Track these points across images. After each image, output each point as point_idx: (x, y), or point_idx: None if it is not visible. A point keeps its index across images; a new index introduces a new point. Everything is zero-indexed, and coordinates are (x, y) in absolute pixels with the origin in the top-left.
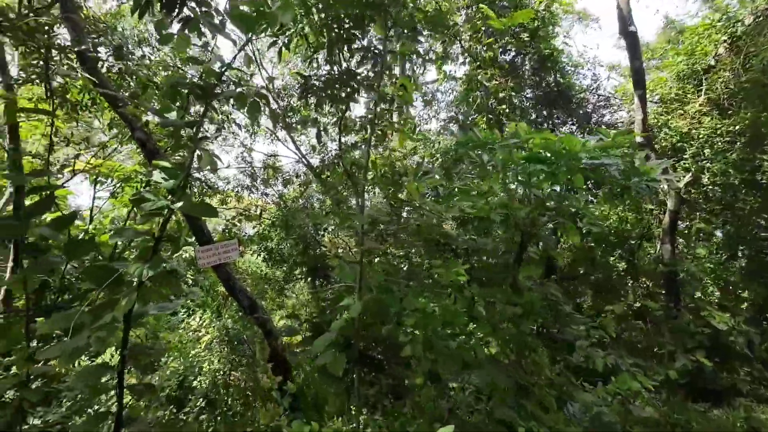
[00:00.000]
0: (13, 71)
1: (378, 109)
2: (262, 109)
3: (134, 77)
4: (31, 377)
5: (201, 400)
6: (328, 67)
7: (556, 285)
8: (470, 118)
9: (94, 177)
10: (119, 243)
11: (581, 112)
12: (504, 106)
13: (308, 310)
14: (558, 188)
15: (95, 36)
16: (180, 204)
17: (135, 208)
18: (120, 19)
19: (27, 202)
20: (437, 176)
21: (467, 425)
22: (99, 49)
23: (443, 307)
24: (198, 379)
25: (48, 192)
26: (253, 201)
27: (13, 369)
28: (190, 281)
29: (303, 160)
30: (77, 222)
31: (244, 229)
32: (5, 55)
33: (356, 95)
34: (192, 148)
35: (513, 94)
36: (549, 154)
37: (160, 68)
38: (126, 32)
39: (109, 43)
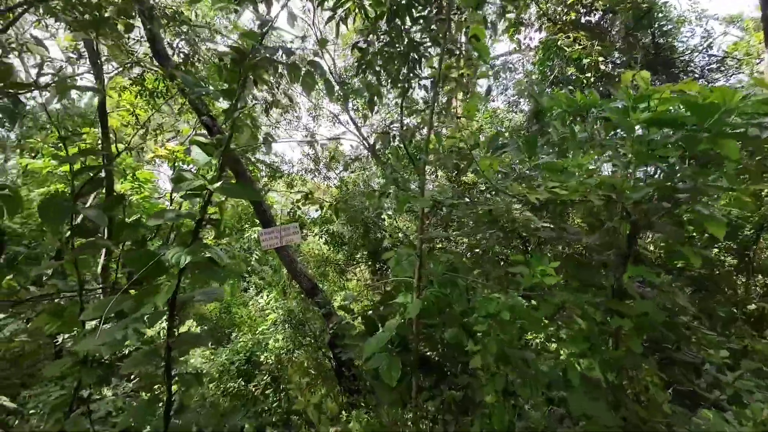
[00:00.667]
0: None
1: (444, 66)
2: (318, 80)
3: (203, 62)
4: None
5: (267, 375)
6: (387, 39)
7: (680, 292)
8: (546, 91)
9: (173, 161)
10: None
11: (686, 77)
12: (589, 74)
13: (362, 303)
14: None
15: (167, 24)
16: (218, 184)
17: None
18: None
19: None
20: (517, 150)
21: None
22: (169, 36)
23: (523, 313)
24: (264, 355)
25: (96, 172)
26: (317, 185)
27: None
28: (254, 261)
29: (364, 142)
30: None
31: (308, 213)
32: (98, 48)
33: (418, 68)
34: (234, 124)
35: (600, 59)
36: (685, 112)
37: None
38: (196, 18)
39: (180, 32)
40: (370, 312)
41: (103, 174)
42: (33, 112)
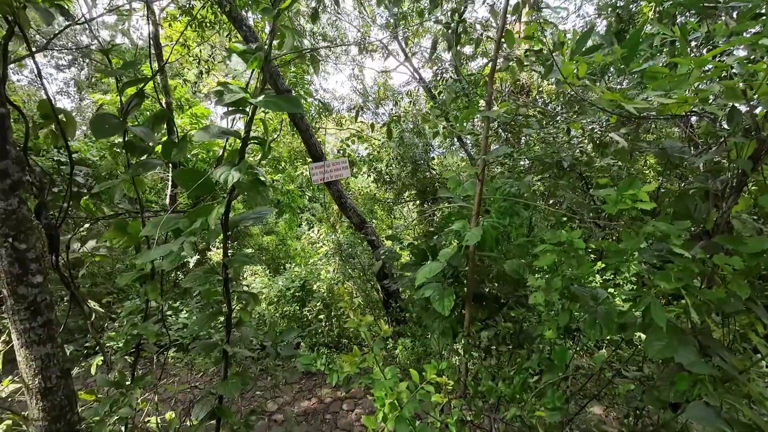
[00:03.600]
0: None
1: None
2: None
3: None
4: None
5: (319, 302)
6: None
7: None
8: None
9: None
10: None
11: None
12: None
13: (414, 233)
14: None
15: None
16: (261, 98)
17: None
18: None
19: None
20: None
21: (619, 399)
22: None
23: (606, 246)
24: (317, 284)
25: (138, 90)
26: (367, 123)
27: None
28: (306, 198)
29: (415, 74)
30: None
31: (358, 151)
32: None
33: None
34: (274, 24)
35: None
36: None
37: None
38: None
39: None
40: (420, 243)
41: (148, 89)
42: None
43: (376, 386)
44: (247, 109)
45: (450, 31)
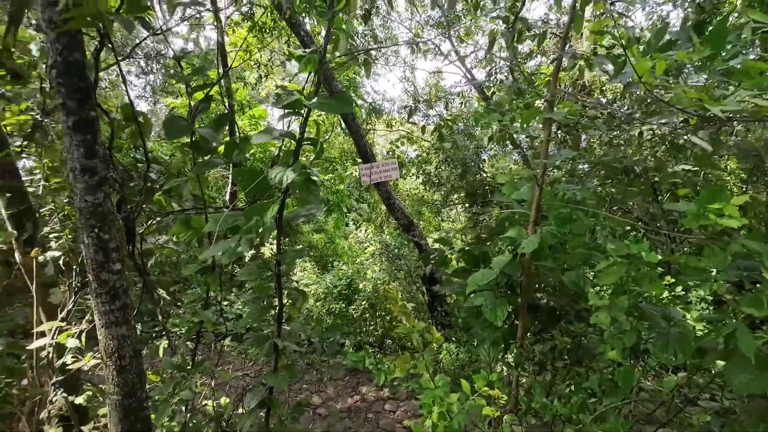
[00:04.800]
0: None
1: None
2: None
3: None
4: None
5: (365, 301)
6: None
7: None
8: None
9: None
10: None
11: None
12: None
13: (462, 237)
14: None
15: None
16: (314, 100)
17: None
18: None
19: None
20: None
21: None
22: None
23: (683, 261)
24: (363, 283)
25: (207, 95)
26: (418, 125)
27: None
28: (354, 199)
29: (467, 74)
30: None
31: (407, 152)
32: None
33: None
34: (330, 28)
35: None
36: None
37: None
38: None
39: None
40: (471, 248)
41: (215, 93)
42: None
43: (425, 394)
44: (302, 111)
45: (507, 26)
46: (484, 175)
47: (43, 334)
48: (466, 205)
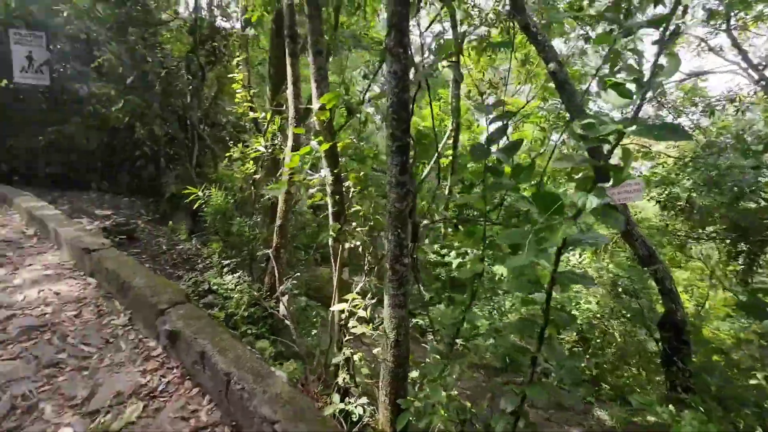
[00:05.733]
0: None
1: None
2: None
3: None
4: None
5: (574, 333)
6: None
7: None
8: None
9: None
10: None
11: None
12: None
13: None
14: None
15: None
16: (633, 127)
17: (571, 138)
18: None
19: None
20: None
21: None
22: None
23: None
24: (575, 313)
25: (504, 123)
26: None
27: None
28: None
29: (753, 73)
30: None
31: (638, 168)
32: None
33: None
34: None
35: None
36: None
37: None
38: None
39: None
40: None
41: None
42: None
43: None
44: (611, 138)
45: None
46: (763, 203)
47: (344, 301)
48: (726, 240)
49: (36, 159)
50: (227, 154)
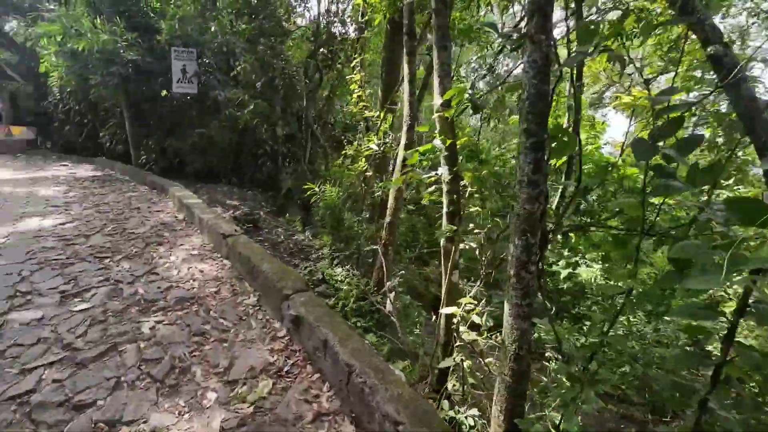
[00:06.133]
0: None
1: None
2: None
3: None
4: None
5: (712, 367)
6: None
7: None
8: None
9: (631, 109)
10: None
11: None
12: None
13: None
14: None
15: None
16: None
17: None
18: None
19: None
20: None
21: None
22: None
23: None
24: (714, 345)
25: (678, 116)
26: None
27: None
28: None
29: None
30: (607, 153)
31: None
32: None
33: None
34: None
35: None
36: None
37: None
38: None
39: None
40: None
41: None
42: None
43: None
44: None
45: None
46: None
47: (456, 305)
48: None
49: (184, 157)
50: (343, 152)
